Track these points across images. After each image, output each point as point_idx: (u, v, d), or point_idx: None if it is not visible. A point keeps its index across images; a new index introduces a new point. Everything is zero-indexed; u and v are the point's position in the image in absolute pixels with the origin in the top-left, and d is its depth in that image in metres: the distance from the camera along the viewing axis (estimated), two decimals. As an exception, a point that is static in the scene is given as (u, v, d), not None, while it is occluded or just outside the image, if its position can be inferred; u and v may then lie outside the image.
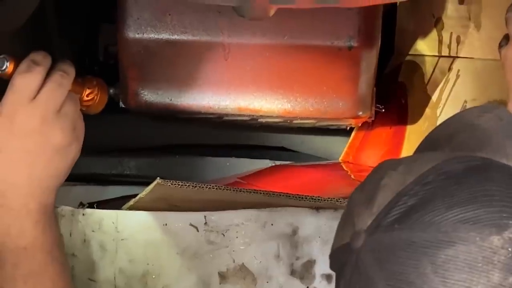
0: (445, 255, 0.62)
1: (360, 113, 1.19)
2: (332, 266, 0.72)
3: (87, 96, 0.98)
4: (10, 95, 0.88)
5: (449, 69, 1.26)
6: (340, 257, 0.69)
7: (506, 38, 1.09)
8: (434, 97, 1.27)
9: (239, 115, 1.17)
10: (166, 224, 1.04)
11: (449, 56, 1.27)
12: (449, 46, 1.27)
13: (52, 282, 0.89)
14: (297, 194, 1.02)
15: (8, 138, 0.88)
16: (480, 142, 0.75)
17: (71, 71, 0.92)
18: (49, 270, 0.89)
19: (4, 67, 0.89)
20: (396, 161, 0.71)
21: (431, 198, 0.65)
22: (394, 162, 0.71)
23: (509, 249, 0.62)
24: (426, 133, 1.24)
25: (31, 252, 0.89)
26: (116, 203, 1.10)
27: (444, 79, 1.26)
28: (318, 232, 1.06)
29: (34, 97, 0.88)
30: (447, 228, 0.63)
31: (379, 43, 1.16)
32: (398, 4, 1.37)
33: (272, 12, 0.93)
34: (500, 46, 1.09)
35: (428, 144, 0.81)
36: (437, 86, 1.27)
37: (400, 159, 0.72)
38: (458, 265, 0.62)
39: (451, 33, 1.26)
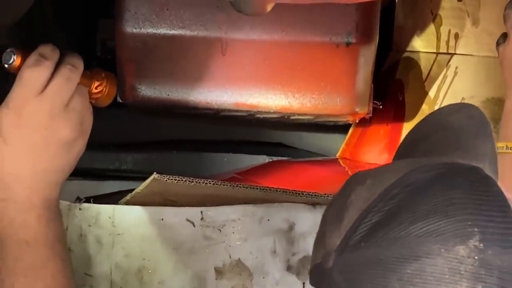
0: (411, 270, 0.62)
1: (358, 109, 1.18)
2: (311, 283, 0.73)
3: (96, 88, 0.97)
4: (18, 88, 0.88)
5: (447, 65, 1.26)
6: (317, 276, 0.69)
7: (503, 35, 1.09)
8: (431, 94, 1.27)
9: (237, 111, 1.17)
10: (162, 219, 1.04)
11: (447, 53, 1.27)
12: (447, 43, 1.27)
13: (52, 277, 0.89)
14: (294, 190, 1.02)
15: (15, 132, 0.88)
16: (452, 143, 0.75)
17: (80, 65, 0.91)
18: (50, 265, 0.89)
19: (12, 60, 0.88)
20: (365, 173, 0.70)
21: (396, 213, 0.65)
22: (362, 175, 0.70)
23: (475, 258, 0.62)
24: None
25: (33, 246, 0.88)
26: (112, 198, 1.10)
27: (442, 76, 1.26)
28: (315, 228, 1.05)
29: (42, 91, 0.88)
30: (411, 243, 0.63)
31: (377, 39, 1.16)
32: (396, 0, 1.37)
33: (269, 8, 0.93)
34: (498, 43, 1.09)
35: (408, 143, 0.81)
36: (435, 82, 1.27)
37: (369, 171, 0.71)
38: (425, 279, 0.62)
39: (449, 29, 1.26)
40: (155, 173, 0.94)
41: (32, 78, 0.87)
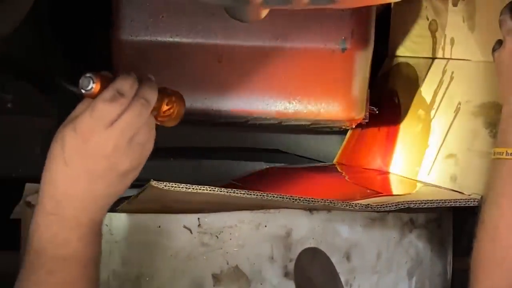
0: None
1: (354, 115, 1.19)
2: None
3: (164, 113, 0.94)
4: (89, 118, 0.86)
5: (443, 70, 1.26)
6: None
7: (499, 41, 1.09)
8: (428, 99, 1.27)
9: (233, 117, 1.17)
10: (159, 226, 1.04)
11: (443, 58, 1.27)
12: (443, 48, 1.27)
13: None
14: (291, 196, 1.02)
15: (77, 156, 0.87)
16: None
17: (153, 98, 0.89)
18: (79, 284, 0.89)
19: (90, 87, 0.86)
20: None
21: None
22: None
23: None
24: (420, 135, 1.25)
25: (68, 263, 0.88)
26: (110, 206, 1.10)
27: (438, 81, 1.26)
28: (312, 233, 1.06)
29: (112, 124, 0.87)
30: None
31: (373, 45, 1.17)
32: (392, 6, 1.37)
33: (264, 14, 0.94)
34: (494, 49, 1.09)
35: None
36: (431, 88, 1.27)
37: None
38: None
39: (445, 35, 1.26)
40: (152, 180, 0.94)
41: (105, 113, 0.86)
